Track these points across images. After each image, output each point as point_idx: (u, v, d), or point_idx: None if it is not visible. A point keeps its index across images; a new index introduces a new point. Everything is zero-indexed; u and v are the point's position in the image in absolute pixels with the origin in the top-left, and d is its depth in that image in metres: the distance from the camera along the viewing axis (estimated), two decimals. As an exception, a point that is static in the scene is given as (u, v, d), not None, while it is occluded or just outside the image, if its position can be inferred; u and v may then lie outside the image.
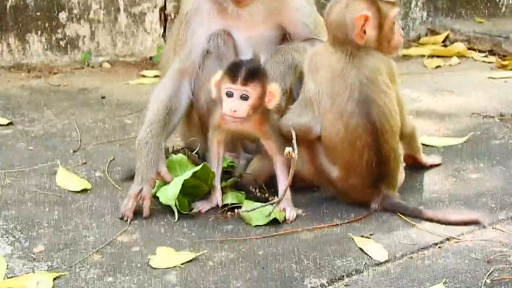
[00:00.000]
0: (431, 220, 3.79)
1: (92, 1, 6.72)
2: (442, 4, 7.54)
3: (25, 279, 3.31)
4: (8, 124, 5.29)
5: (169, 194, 3.85)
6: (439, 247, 3.58)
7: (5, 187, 4.26)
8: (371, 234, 3.67)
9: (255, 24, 4.23)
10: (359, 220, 3.84)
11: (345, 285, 3.28)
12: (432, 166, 4.45)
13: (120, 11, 6.75)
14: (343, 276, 3.34)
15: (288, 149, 3.61)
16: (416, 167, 4.40)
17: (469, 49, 7.00)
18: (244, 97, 3.75)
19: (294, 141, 3.69)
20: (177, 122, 4.31)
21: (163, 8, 6.76)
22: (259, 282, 3.28)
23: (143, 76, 6.42)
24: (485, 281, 3.27)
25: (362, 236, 3.64)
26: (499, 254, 3.47)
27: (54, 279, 3.30)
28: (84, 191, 4.21)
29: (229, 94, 3.77)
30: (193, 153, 4.14)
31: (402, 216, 3.83)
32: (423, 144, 4.53)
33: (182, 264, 3.42)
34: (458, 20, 7.53)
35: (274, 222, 3.78)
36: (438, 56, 6.87)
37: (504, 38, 6.95)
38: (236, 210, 3.86)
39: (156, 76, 6.27)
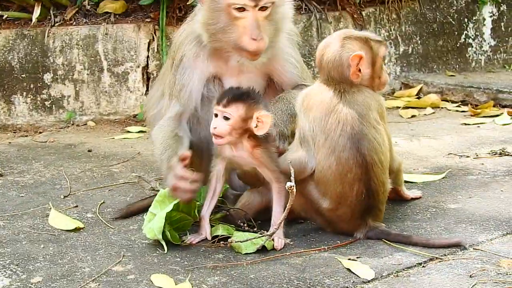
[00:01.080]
0: (414, 244, 3.92)
1: (76, 62, 6.91)
2: (414, 59, 7.82)
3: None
4: (-2, 176, 5.43)
5: (155, 229, 3.98)
6: (423, 266, 3.70)
7: (-1, 228, 4.38)
8: (357, 257, 3.79)
9: (245, 72, 4.43)
10: (345, 246, 3.97)
11: (335, 301, 3.41)
12: (413, 199, 4.60)
13: (104, 71, 6.93)
14: (333, 292, 3.46)
15: (289, 184, 3.76)
16: (397, 200, 4.55)
17: (442, 100, 7.26)
18: (226, 118, 3.96)
19: (292, 177, 3.83)
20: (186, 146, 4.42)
21: (145, 67, 6.94)
22: (252, 300, 3.41)
23: (128, 132, 6.58)
24: (469, 293, 3.42)
25: (349, 259, 3.77)
26: (481, 269, 3.60)
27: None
28: (77, 229, 4.31)
29: (215, 115, 4.00)
30: None
31: (387, 241, 3.97)
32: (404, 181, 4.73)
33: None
34: (430, 74, 7.82)
35: (263, 249, 3.89)
36: (412, 107, 7.10)
37: (475, 88, 7.21)
38: (229, 240, 3.97)
39: (140, 132, 6.47)
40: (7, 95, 6.91)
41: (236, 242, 3.92)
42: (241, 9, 4.22)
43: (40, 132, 6.77)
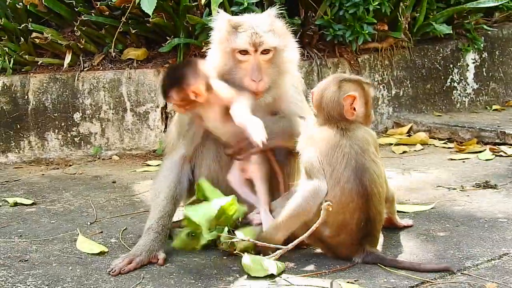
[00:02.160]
0: (407, 268, 3.85)
1: (103, 102, 6.90)
2: (405, 101, 7.79)
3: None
4: (32, 204, 5.39)
5: (200, 215, 3.95)
6: (415, 289, 3.65)
7: (32, 252, 4.32)
8: (355, 280, 3.73)
9: (252, 112, 4.32)
10: (344, 270, 3.90)
11: (335, 320, 3.35)
12: (405, 227, 4.54)
13: (127, 110, 6.92)
14: (334, 312, 3.40)
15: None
16: (391, 228, 4.49)
17: (430, 137, 7.21)
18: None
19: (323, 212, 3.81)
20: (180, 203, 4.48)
21: (164, 108, 6.92)
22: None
23: (148, 165, 6.55)
24: (458, 314, 3.35)
25: (348, 282, 3.71)
26: (469, 292, 3.55)
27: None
28: (101, 253, 4.26)
29: None
30: None
31: (382, 266, 3.90)
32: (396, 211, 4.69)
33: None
34: (419, 114, 7.78)
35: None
36: (404, 144, 7.06)
37: (460, 127, 7.17)
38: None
39: (159, 165, 6.38)
40: (41, 132, 6.91)
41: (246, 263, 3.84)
42: (244, 52, 4.22)
43: (70, 165, 6.75)
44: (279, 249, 3.92)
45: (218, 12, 4.42)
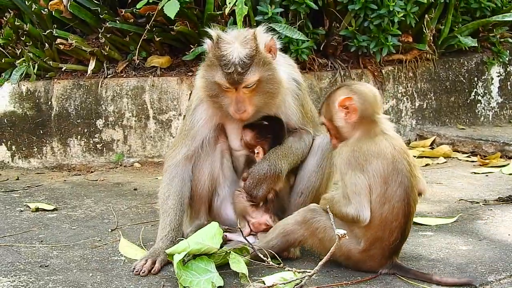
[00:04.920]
0: (429, 281, 3.82)
1: (125, 110, 6.93)
2: (428, 113, 7.76)
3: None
4: (53, 210, 5.42)
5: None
6: (437, 303, 3.63)
7: (53, 257, 4.34)
8: (377, 292, 3.73)
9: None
10: (365, 281, 3.87)
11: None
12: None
13: (150, 118, 6.95)
14: (354, 324, 3.39)
15: (342, 232, 3.59)
16: (413, 241, 4.46)
17: (453, 150, 7.18)
18: None
19: (332, 220, 3.76)
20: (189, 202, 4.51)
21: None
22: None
23: (169, 173, 6.55)
24: (480, 328, 3.32)
25: (369, 294, 3.70)
26: (490, 307, 3.52)
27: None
28: (120, 260, 4.28)
29: None
30: None
31: (404, 278, 3.87)
32: (418, 224, 4.70)
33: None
34: (443, 127, 7.75)
35: (291, 283, 3.81)
36: (426, 157, 7.03)
37: (484, 140, 7.13)
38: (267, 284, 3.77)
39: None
40: (64, 138, 6.96)
41: (280, 284, 3.77)
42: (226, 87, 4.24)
43: (92, 172, 6.79)
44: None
45: (213, 27, 4.42)
